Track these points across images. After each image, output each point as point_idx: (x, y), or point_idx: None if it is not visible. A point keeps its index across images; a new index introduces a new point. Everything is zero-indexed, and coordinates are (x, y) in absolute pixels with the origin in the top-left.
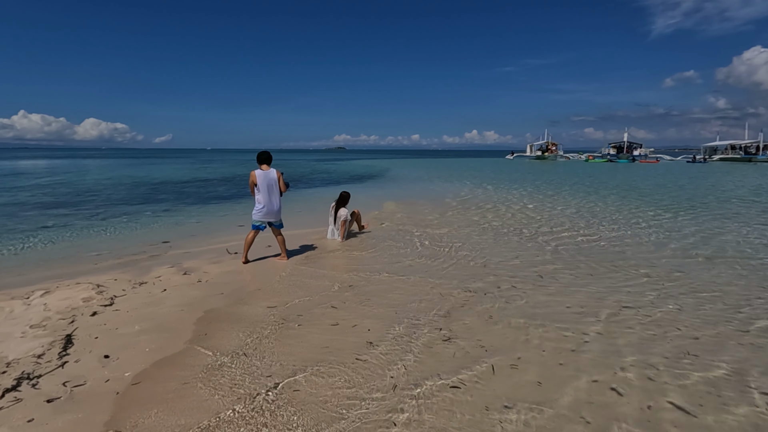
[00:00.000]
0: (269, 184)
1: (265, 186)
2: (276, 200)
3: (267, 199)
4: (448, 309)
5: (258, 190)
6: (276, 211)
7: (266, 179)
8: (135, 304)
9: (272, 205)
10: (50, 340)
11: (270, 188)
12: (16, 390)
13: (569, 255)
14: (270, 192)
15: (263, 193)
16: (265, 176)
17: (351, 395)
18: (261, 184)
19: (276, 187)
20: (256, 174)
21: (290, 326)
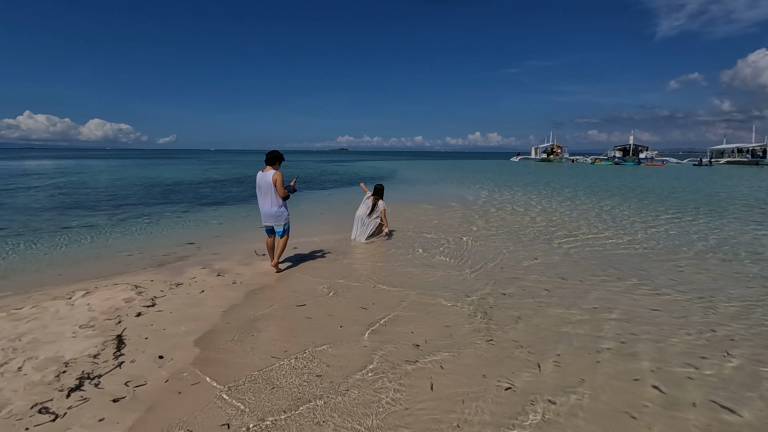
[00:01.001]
0: (264, 186)
1: (260, 188)
2: (269, 203)
3: (261, 202)
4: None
5: (257, 192)
6: (272, 215)
7: (262, 181)
8: (176, 305)
9: (265, 208)
10: (102, 340)
11: (264, 191)
12: (81, 389)
13: (627, 265)
14: (262, 194)
15: (258, 195)
16: (261, 178)
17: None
18: (257, 185)
19: (271, 190)
20: (258, 176)
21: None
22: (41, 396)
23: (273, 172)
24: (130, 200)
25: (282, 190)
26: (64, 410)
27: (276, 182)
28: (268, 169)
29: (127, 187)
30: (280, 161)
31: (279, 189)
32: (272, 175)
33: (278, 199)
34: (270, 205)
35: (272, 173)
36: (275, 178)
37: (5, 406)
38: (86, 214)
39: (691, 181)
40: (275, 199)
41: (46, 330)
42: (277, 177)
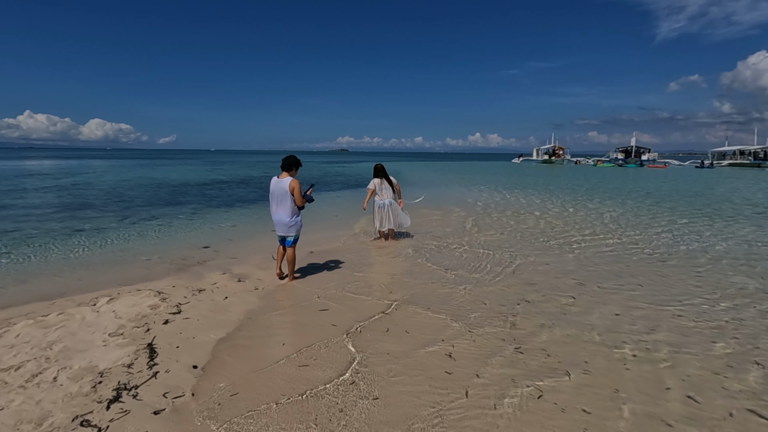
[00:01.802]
0: (279, 193)
1: (274, 195)
2: (283, 212)
3: (274, 210)
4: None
5: (270, 199)
6: (285, 224)
7: (277, 188)
8: (202, 311)
9: (278, 216)
10: (134, 349)
11: (279, 198)
12: (119, 401)
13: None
14: (277, 202)
15: (272, 203)
16: (276, 184)
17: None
18: (271, 192)
19: (286, 197)
20: (272, 182)
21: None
22: (81, 408)
23: (290, 180)
24: (138, 202)
25: (300, 199)
26: (106, 423)
27: (294, 191)
28: (284, 176)
29: (133, 188)
30: (297, 167)
31: (297, 198)
32: (289, 183)
33: (294, 207)
34: (284, 213)
35: (289, 180)
36: (293, 186)
37: (46, 418)
38: (96, 216)
39: (696, 184)
40: (290, 208)
41: (75, 338)
42: (295, 185)
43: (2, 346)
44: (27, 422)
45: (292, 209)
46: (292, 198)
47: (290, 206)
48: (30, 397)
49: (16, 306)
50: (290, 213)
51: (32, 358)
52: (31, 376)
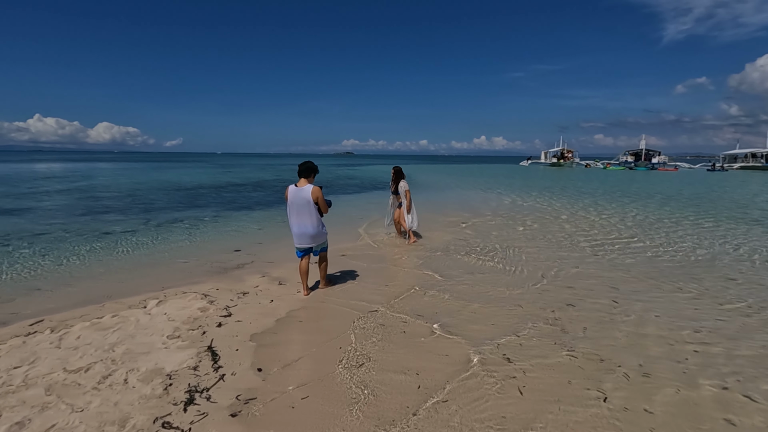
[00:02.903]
0: (300, 203)
1: (294, 205)
2: (308, 223)
3: (295, 221)
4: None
5: (288, 209)
6: (310, 235)
7: (296, 197)
8: (251, 314)
9: (302, 228)
10: (195, 351)
11: (300, 208)
12: (194, 404)
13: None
14: (298, 212)
15: (291, 214)
16: (296, 194)
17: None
18: (290, 202)
19: (309, 207)
20: (289, 190)
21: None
22: (159, 410)
23: (311, 188)
24: (158, 204)
25: (325, 207)
26: (187, 425)
27: (318, 200)
28: (303, 183)
29: (149, 191)
30: (315, 173)
31: (323, 206)
32: (311, 192)
33: (318, 217)
34: (309, 224)
35: (310, 189)
36: (316, 196)
37: (127, 420)
38: (121, 219)
39: (710, 187)
40: (315, 218)
41: (135, 340)
42: (318, 194)
43: (66, 348)
44: (110, 424)
45: (317, 219)
46: (315, 207)
47: (315, 216)
48: (106, 399)
49: (68, 309)
50: (316, 223)
51: (98, 360)
52: (101, 377)
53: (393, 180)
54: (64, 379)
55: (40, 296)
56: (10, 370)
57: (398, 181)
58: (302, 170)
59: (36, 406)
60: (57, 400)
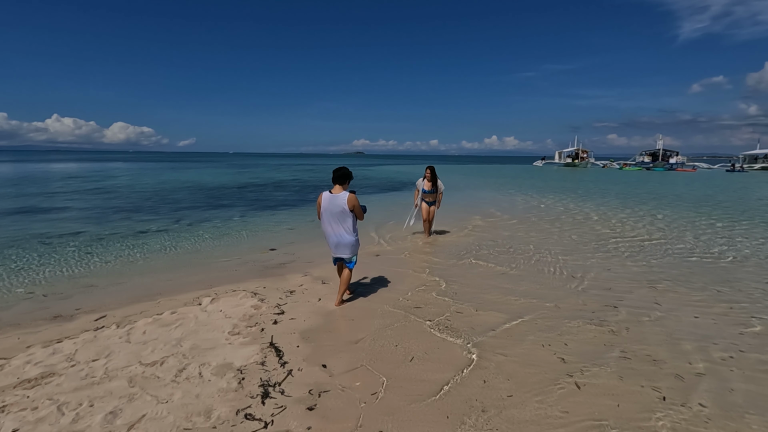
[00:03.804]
0: (335, 211)
1: (329, 213)
2: (344, 232)
3: (331, 230)
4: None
5: (321, 218)
6: (346, 245)
7: (331, 205)
8: (303, 312)
9: (338, 237)
10: (259, 348)
11: (336, 217)
12: (270, 397)
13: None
14: (333, 221)
15: (325, 222)
16: (330, 201)
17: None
18: (324, 210)
19: (345, 215)
20: (322, 197)
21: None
22: (238, 402)
23: (347, 195)
24: (184, 204)
25: (361, 215)
26: (268, 417)
27: (354, 208)
28: (337, 190)
29: (173, 191)
30: (350, 179)
31: (359, 215)
32: (347, 200)
33: (354, 225)
34: (346, 233)
35: (346, 196)
36: (352, 204)
37: (211, 411)
38: (152, 218)
39: (733, 189)
40: (351, 227)
41: (198, 336)
42: (355, 202)
43: (136, 343)
44: (196, 415)
45: (353, 228)
46: (352, 215)
47: (351, 224)
48: (187, 391)
49: (125, 305)
50: (352, 231)
51: (170, 355)
52: (177, 371)
53: (429, 179)
54: (142, 372)
55: (95, 292)
56: (90, 363)
57: (436, 179)
58: (337, 176)
59: (123, 397)
60: (141, 392)
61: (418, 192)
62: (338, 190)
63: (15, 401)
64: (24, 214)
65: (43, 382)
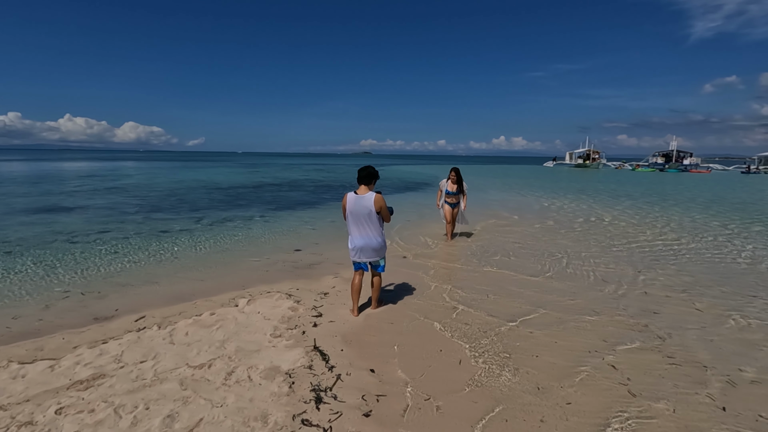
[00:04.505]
0: (361, 212)
1: (354, 215)
2: (371, 234)
3: (357, 232)
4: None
5: (347, 219)
6: (373, 248)
7: (357, 206)
8: (341, 315)
9: (365, 240)
10: (303, 351)
11: (362, 219)
12: (324, 402)
13: None
14: (360, 223)
15: (351, 224)
16: (356, 202)
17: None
18: (350, 211)
19: (371, 217)
20: (347, 198)
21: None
22: (293, 407)
23: (373, 196)
24: (202, 204)
25: (388, 217)
26: (326, 423)
27: (381, 209)
28: (363, 190)
29: (189, 190)
30: (376, 179)
31: (386, 217)
32: (374, 201)
33: (381, 228)
34: (373, 236)
35: (372, 197)
36: (379, 205)
37: (267, 416)
38: (172, 218)
39: (753, 190)
40: (377, 229)
41: (241, 338)
42: (382, 203)
43: (180, 344)
44: (253, 419)
45: (380, 230)
46: (378, 217)
47: (377, 227)
48: (240, 395)
49: (161, 305)
50: (379, 234)
51: (216, 357)
52: (226, 374)
53: (454, 180)
54: (192, 375)
55: (130, 292)
56: (138, 364)
57: (461, 181)
58: (363, 176)
59: (177, 400)
60: (194, 395)
61: (441, 193)
62: (364, 190)
63: (71, 403)
64: (48, 213)
65: (95, 384)
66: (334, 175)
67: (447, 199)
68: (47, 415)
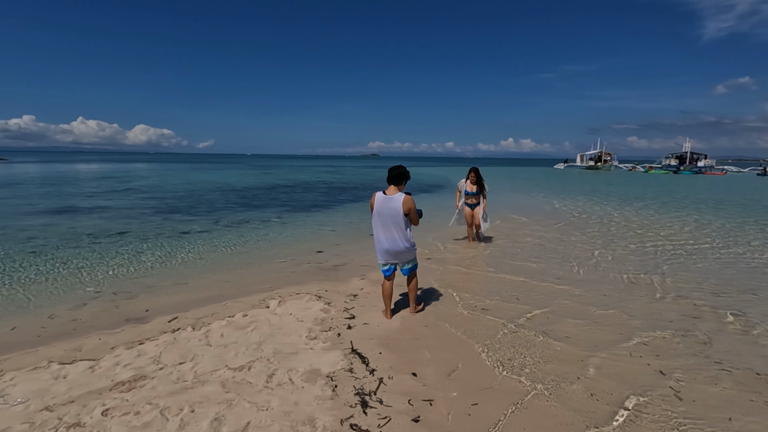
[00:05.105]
0: (389, 214)
1: (382, 216)
2: (398, 237)
3: (383, 234)
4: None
5: (373, 220)
6: (400, 251)
7: (385, 207)
8: (374, 318)
9: (391, 243)
10: (341, 354)
11: (389, 220)
12: (370, 407)
13: None
14: (386, 224)
15: (378, 225)
16: (384, 203)
17: None
18: (377, 212)
19: (399, 219)
20: (375, 198)
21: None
22: (339, 411)
23: (402, 197)
24: (218, 205)
25: (417, 219)
26: (376, 429)
27: (410, 211)
28: (393, 191)
29: (203, 191)
30: (406, 180)
31: (414, 220)
32: (403, 202)
33: (408, 231)
34: (399, 238)
35: (401, 198)
36: (408, 207)
37: (315, 420)
38: (191, 219)
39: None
40: (405, 232)
41: (276, 340)
42: (411, 204)
43: (216, 346)
44: (301, 424)
45: (408, 232)
46: (406, 220)
47: (404, 229)
48: (284, 399)
49: (192, 306)
50: (407, 237)
51: (255, 359)
52: (267, 377)
53: (474, 181)
54: (233, 377)
55: (159, 292)
56: (177, 366)
57: (481, 181)
58: (393, 176)
59: (222, 403)
60: (238, 398)
61: (460, 193)
62: (393, 191)
63: (116, 405)
64: (69, 214)
65: (137, 385)
66: (346, 177)
67: (466, 200)
68: (94, 416)
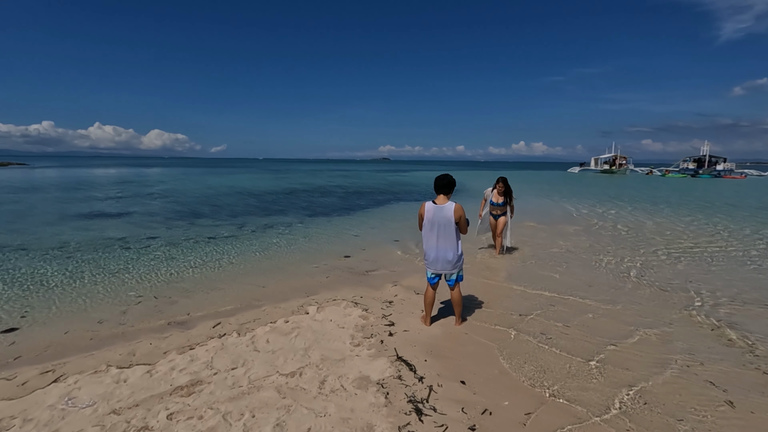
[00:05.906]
0: (443, 223)
1: (435, 225)
2: (450, 246)
3: (434, 244)
4: None
5: (423, 229)
6: (449, 260)
7: (438, 217)
8: (413, 324)
9: (442, 252)
10: (388, 361)
11: (440, 229)
12: (425, 415)
13: None
14: (439, 234)
15: (428, 235)
16: (437, 212)
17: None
18: (430, 221)
19: (450, 228)
20: (426, 208)
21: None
22: (396, 419)
23: (453, 205)
24: (239, 209)
25: (465, 228)
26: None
27: (461, 220)
28: (442, 200)
29: (223, 195)
30: (454, 188)
31: (463, 228)
32: (455, 211)
33: (458, 240)
34: (450, 247)
35: (452, 207)
36: (459, 215)
37: (373, 427)
38: (216, 224)
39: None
40: (454, 241)
41: (322, 346)
42: (461, 212)
43: (264, 352)
44: (360, 430)
45: (457, 241)
46: (456, 228)
47: (454, 238)
48: (340, 405)
49: (232, 312)
50: (456, 246)
51: (304, 365)
52: (319, 383)
53: (501, 191)
54: (286, 383)
55: (197, 297)
56: (230, 371)
57: (510, 193)
58: (443, 185)
59: (281, 409)
60: (295, 404)
61: (485, 202)
62: (443, 200)
63: (179, 409)
64: (97, 218)
65: (195, 390)
66: (360, 181)
67: (492, 211)
68: (160, 420)
